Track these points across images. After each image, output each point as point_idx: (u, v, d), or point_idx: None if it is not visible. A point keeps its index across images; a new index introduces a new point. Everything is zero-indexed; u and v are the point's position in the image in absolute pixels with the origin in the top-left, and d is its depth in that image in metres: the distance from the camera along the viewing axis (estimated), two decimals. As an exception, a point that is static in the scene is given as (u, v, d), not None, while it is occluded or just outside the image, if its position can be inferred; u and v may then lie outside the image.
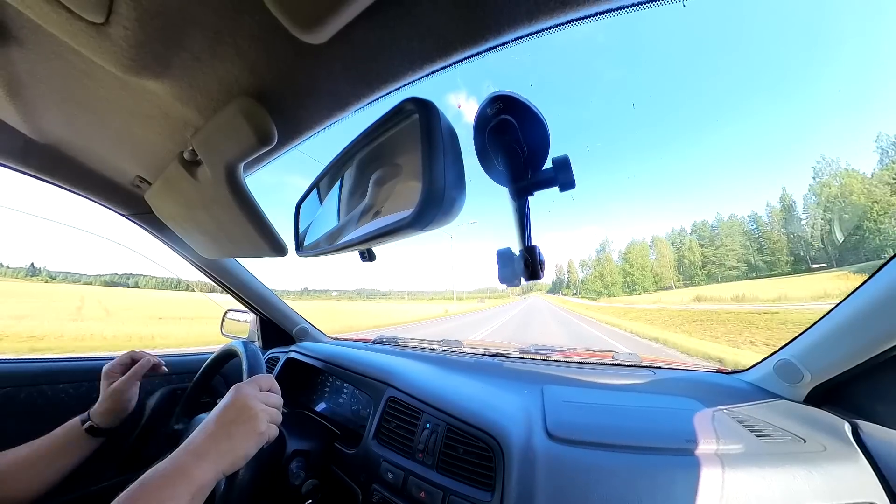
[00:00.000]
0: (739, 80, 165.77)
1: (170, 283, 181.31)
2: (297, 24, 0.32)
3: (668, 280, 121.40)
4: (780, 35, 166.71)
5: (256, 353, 0.74)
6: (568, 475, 0.55)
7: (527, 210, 0.38)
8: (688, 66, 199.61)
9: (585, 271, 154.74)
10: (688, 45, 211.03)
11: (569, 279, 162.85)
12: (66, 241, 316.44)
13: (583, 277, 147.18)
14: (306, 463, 0.78)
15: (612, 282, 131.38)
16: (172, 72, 0.41)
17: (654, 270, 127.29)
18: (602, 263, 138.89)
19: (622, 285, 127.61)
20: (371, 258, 0.45)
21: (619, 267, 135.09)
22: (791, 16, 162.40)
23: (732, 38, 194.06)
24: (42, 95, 0.52)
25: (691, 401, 0.75)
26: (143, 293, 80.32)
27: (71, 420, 0.72)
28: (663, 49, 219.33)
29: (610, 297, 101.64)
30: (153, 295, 68.24)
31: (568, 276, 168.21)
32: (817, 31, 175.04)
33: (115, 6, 0.31)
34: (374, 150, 0.41)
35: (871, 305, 0.57)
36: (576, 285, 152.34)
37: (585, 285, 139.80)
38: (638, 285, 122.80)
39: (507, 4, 0.33)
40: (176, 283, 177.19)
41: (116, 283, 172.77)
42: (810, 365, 0.68)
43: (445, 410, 0.71)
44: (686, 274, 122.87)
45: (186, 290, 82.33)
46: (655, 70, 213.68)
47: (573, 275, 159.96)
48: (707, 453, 0.57)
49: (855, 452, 0.56)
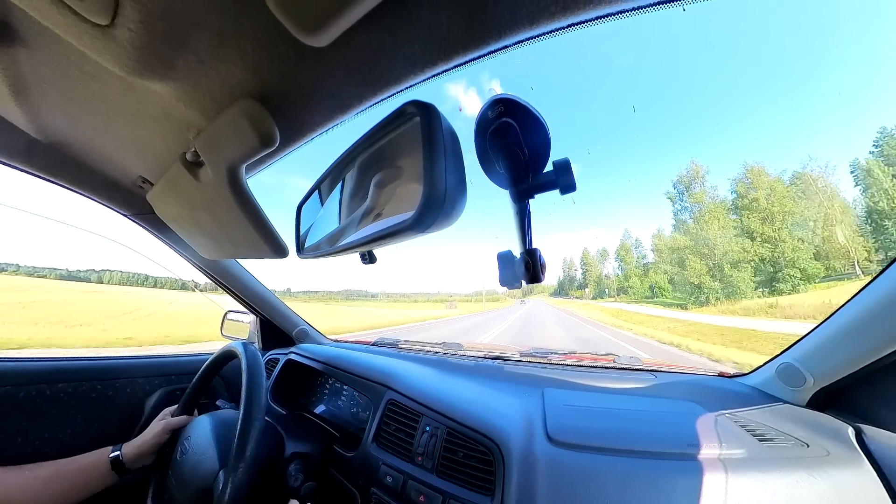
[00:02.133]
0: (739, 81, 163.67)
1: (139, 280, 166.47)
2: (300, 27, 0.32)
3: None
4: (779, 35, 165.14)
5: (256, 354, 0.74)
6: (568, 480, 0.55)
7: (527, 213, 0.39)
8: (689, 66, 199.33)
9: (604, 265, 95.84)
10: (689, 46, 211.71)
11: (584, 276, 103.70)
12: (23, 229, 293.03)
13: (616, 271, 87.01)
14: (305, 466, 0.78)
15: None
16: (176, 73, 0.41)
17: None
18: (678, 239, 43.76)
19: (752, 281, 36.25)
20: (372, 260, 0.45)
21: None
22: (790, 16, 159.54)
23: (734, 37, 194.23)
24: (47, 96, 0.53)
25: (693, 405, 0.75)
26: (105, 290, 68.32)
27: (101, 450, 0.72)
28: (664, 51, 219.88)
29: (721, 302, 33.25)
30: (116, 292, 59.29)
31: (584, 270, 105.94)
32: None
33: (121, 8, 0.31)
34: (376, 152, 0.41)
35: (873, 309, 0.57)
36: (599, 282, 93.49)
37: (625, 282, 75.99)
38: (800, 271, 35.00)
39: (508, 8, 0.33)
40: (143, 279, 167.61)
41: (76, 277, 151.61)
42: (813, 369, 0.68)
43: (445, 414, 0.71)
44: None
45: (155, 287, 77.48)
46: (656, 73, 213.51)
47: (592, 270, 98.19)
48: (709, 458, 0.56)
49: (859, 457, 0.56)
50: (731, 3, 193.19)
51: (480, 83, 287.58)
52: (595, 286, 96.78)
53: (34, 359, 0.96)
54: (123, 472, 0.71)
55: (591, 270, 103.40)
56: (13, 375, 0.88)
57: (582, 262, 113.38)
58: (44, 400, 0.90)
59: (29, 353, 1.16)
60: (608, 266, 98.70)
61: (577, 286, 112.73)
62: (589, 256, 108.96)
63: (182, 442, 0.72)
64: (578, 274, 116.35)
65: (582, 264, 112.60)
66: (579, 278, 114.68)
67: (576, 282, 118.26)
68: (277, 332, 1.40)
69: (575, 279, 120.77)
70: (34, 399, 0.89)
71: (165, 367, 1.15)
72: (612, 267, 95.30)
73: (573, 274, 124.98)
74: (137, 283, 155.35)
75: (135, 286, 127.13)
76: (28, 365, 0.92)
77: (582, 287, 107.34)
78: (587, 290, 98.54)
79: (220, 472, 0.62)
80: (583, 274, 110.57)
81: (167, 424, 0.79)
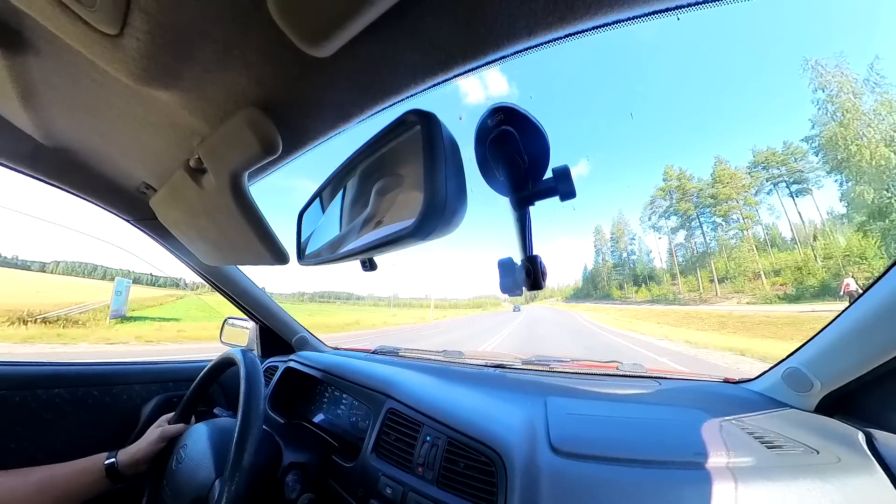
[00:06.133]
0: (739, 81, 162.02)
1: (85, 270, 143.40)
2: (303, 38, 0.33)
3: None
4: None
5: (255, 361, 0.74)
6: (572, 491, 0.54)
7: (528, 220, 0.39)
8: (687, 71, 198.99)
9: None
10: (686, 51, 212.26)
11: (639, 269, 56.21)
12: None
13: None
14: (302, 476, 0.76)
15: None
16: (182, 82, 0.42)
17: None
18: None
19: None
20: (372, 267, 0.45)
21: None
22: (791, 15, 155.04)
23: (728, 44, 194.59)
24: (55, 102, 0.54)
25: (698, 412, 0.74)
26: (38, 279, 53.62)
27: (95, 456, 0.71)
28: (661, 57, 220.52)
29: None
30: (50, 282, 46.07)
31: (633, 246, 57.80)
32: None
33: (130, 19, 0.32)
34: (377, 160, 0.41)
35: (880, 310, 0.56)
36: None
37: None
38: None
39: (507, 20, 0.34)
40: (91, 269, 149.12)
41: (13, 264, 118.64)
42: (819, 373, 0.67)
43: (446, 423, 0.70)
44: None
45: (104, 280, 68.89)
46: (654, 79, 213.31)
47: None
48: (717, 467, 0.55)
49: (870, 463, 0.54)
50: (723, 14, 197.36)
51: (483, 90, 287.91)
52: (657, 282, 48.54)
53: (31, 363, 0.95)
54: (118, 479, 0.70)
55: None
56: (9, 380, 0.87)
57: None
58: (40, 405, 0.89)
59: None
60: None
61: (627, 279, 56.93)
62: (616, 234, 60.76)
63: (178, 450, 0.71)
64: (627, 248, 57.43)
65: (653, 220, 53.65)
66: (632, 261, 58.31)
67: (626, 269, 60.46)
68: (277, 339, 1.39)
69: (624, 265, 62.90)
70: (30, 404, 0.88)
71: (163, 373, 1.14)
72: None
73: (621, 253, 66.71)
74: (84, 273, 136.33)
75: (81, 277, 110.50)
76: (24, 369, 0.91)
77: (644, 281, 53.89)
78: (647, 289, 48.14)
79: (215, 481, 0.61)
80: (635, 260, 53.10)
81: (163, 432, 0.77)
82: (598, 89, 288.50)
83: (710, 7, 0.35)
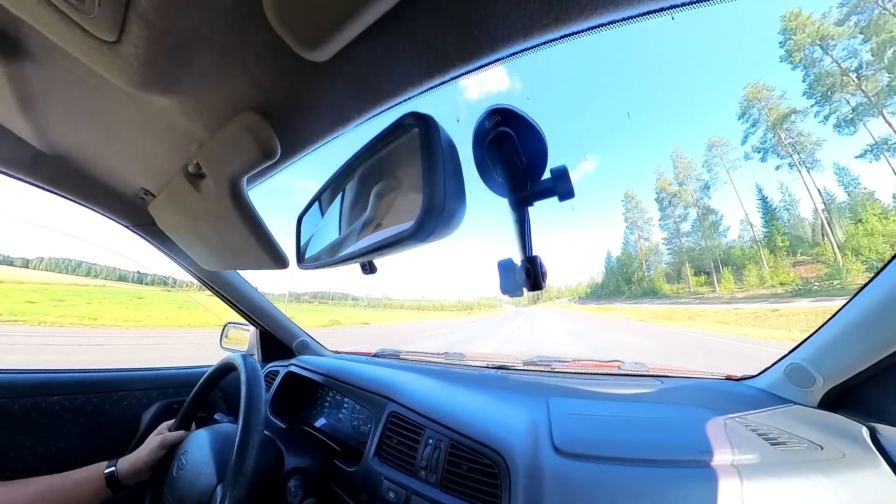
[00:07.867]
0: (738, 83, 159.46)
1: (69, 267, 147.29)
2: (301, 42, 0.33)
3: None
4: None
5: (255, 366, 0.73)
6: (576, 491, 0.53)
7: (527, 220, 0.39)
8: (684, 71, 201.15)
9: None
10: (682, 51, 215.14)
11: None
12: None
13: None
14: (305, 481, 0.76)
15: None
16: (180, 88, 0.42)
17: None
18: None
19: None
20: (372, 270, 0.45)
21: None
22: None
23: (726, 43, 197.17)
24: (53, 109, 0.54)
25: (701, 410, 0.74)
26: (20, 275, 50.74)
27: (96, 465, 0.70)
28: (658, 57, 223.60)
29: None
30: (31, 277, 45.15)
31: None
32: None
33: (128, 25, 0.32)
34: (375, 163, 0.41)
35: (881, 303, 0.56)
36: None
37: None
38: None
39: (503, 22, 0.34)
40: (76, 265, 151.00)
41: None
42: (822, 368, 0.67)
43: (448, 426, 0.70)
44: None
45: (89, 275, 66.96)
46: (651, 79, 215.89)
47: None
48: (722, 465, 0.55)
49: (875, 458, 0.54)
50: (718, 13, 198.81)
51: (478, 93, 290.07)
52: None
53: (30, 371, 0.95)
54: (118, 488, 0.69)
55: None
56: (8, 387, 0.87)
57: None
58: (39, 413, 0.89)
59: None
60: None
61: (698, 261, 38.68)
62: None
63: (179, 457, 0.70)
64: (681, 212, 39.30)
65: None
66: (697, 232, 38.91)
67: (692, 246, 39.41)
68: (277, 343, 1.39)
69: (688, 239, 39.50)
70: (29, 412, 0.88)
71: (163, 379, 1.13)
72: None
73: (678, 220, 42.45)
74: (67, 269, 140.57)
75: (63, 273, 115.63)
76: (23, 376, 0.91)
77: (719, 267, 36.56)
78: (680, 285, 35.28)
79: (217, 486, 0.60)
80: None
81: (164, 440, 0.77)
82: (593, 90, 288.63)
83: (705, 6, 0.35)
